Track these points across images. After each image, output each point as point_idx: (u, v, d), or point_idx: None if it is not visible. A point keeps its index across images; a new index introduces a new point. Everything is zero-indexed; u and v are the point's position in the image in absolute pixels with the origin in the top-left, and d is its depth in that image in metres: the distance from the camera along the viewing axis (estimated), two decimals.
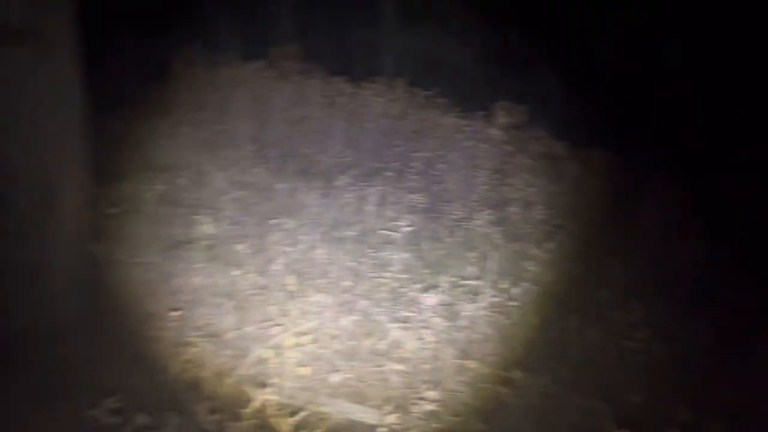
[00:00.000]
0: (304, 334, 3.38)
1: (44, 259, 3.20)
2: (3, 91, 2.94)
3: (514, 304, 3.91)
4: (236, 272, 4.03)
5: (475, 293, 3.93)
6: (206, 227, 4.42)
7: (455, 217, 5.28)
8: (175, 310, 3.49)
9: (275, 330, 3.41)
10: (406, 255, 4.38)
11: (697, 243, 4.72)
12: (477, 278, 4.08)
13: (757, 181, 5.11)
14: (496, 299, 3.88)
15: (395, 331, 3.54)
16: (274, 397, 2.79)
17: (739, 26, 6.12)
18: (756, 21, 5.88)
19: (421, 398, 3.09)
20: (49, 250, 3.21)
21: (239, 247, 4.39)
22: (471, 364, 3.40)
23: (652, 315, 3.86)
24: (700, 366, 3.51)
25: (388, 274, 4.18)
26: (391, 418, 2.98)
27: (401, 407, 3.06)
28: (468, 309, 3.75)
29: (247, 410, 2.69)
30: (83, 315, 3.41)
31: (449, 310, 3.78)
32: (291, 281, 3.83)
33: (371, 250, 4.49)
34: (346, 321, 3.64)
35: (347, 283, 3.99)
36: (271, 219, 4.91)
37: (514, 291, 4.00)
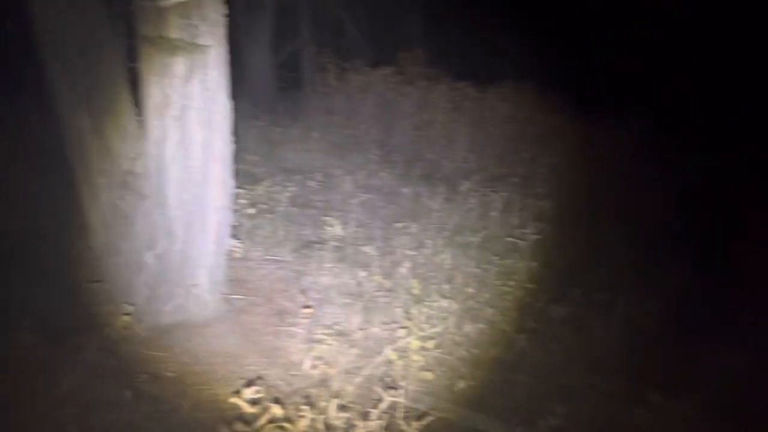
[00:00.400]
0: (429, 338, 3.39)
1: (190, 254, 3.45)
2: (162, 96, 3.20)
3: (651, 319, 3.68)
4: (363, 273, 4.12)
5: (607, 306, 3.74)
6: (335, 229, 4.56)
7: (586, 225, 5.07)
8: (306, 307, 3.63)
9: (400, 332, 3.44)
10: (533, 264, 4.27)
11: None
12: (610, 291, 3.88)
13: None
14: (632, 314, 3.67)
15: (522, 342, 3.45)
16: (401, 400, 2.81)
17: None
18: None
19: (549, 412, 2.98)
20: (195, 246, 3.45)
21: (366, 249, 4.48)
22: (602, 380, 3.24)
23: None
24: None
25: (513, 283, 4.09)
26: (519, 431, 2.91)
27: (528, 420, 2.97)
28: (600, 323, 3.58)
29: (375, 410, 2.74)
30: (224, 308, 3.64)
31: (580, 323, 3.63)
32: (415, 285, 3.86)
33: (496, 258, 4.42)
34: (471, 328, 3.60)
35: (471, 290, 3.95)
36: (396, 222, 4.97)
37: (651, 306, 3.77)
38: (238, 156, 5.05)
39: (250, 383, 2.73)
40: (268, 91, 8.63)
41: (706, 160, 6.01)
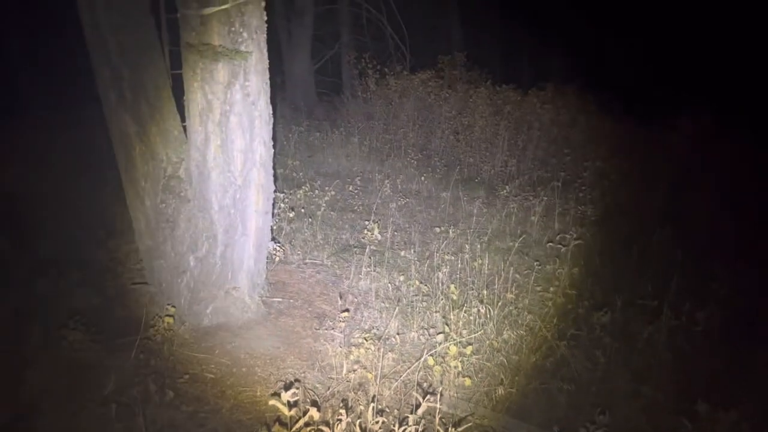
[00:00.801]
0: (468, 344, 3.35)
1: (231, 257, 3.50)
2: (205, 102, 3.27)
3: (698, 329, 3.57)
4: (401, 278, 4.11)
5: (652, 314, 3.64)
6: (374, 233, 4.57)
7: (630, 231, 4.95)
8: (345, 311, 3.64)
9: (438, 338, 3.41)
10: (574, 270, 4.19)
11: None
12: (654, 298, 3.78)
13: None
14: (677, 322, 3.56)
15: (562, 349, 3.39)
16: (438, 405, 2.79)
17: None
18: None
19: (590, 421, 2.91)
20: (237, 249, 3.51)
21: (404, 253, 4.48)
22: (646, 389, 3.15)
23: None
24: None
25: (553, 289, 4.02)
26: None
27: (568, 428, 2.91)
28: (645, 330, 3.48)
29: (413, 416, 2.72)
30: (264, 311, 3.69)
31: (623, 331, 3.54)
32: (454, 290, 3.83)
33: (537, 263, 4.35)
34: (510, 334, 3.55)
35: (511, 296, 3.90)
36: (435, 227, 4.96)
37: (699, 315, 3.65)
38: (279, 161, 5.14)
39: (288, 386, 2.75)
40: (308, 96, 8.73)
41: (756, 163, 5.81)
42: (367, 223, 4.81)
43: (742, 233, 5.03)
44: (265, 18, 3.34)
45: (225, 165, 3.36)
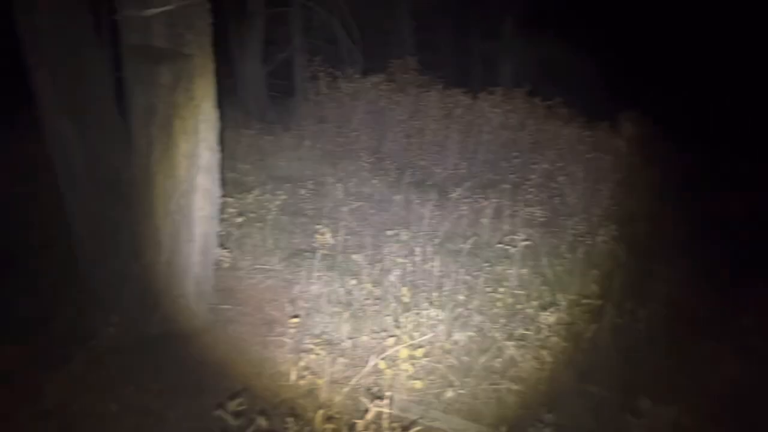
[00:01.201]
0: (418, 347, 3.36)
1: (177, 265, 3.43)
2: (148, 106, 3.19)
3: (641, 326, 3.67)
4: (353, 282, 4.10)
5: (597, 313, 3.73)
6: (325, 237, 4.54)
7: (576, 232, 5.06)
8: (295, 316, 3.61)
9: (390, 341, 3.41)
10: (523, 270, 4.25)
11: None
12: (599, 297, 3.87)
13: None
14: (621, 320, 3.66)
15: (511, 349, 3.44)
16: (388, 410, 2.79)
17: None
18: None
19: (539, 420, 2.96)
20: (182, 256, 3.43)
21: (356, 257, 4.46)
22: (592, 387, 3.23)
23: None
24: None
25: (503, 290, 4.07)
26: None
27: (517, 428, 2.95)
28: (589, 329, 3.56)
29: (362, 421, 2.71)
30: (212, 319, 3.62)
31: (569, 330, 3.61)
32: (405, 293, 3.84)
33: (487, 264, 4.40)
34: (461, 336, 3.58)
35: (462, 297, 3.94)
36: (387, 230, 4.95)
37: (641, 312, 3.75)
38: (229, 165, 5.05)
39: (234, 395, 2.70)
40: (259, 99, 8.62)
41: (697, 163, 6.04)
42: (318, 227, 4.77)
43: (683, 232, 5.22)
44: (211, 20, 3.29)
45: (169, 170, 3.29)
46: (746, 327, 3.75)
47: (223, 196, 3.83)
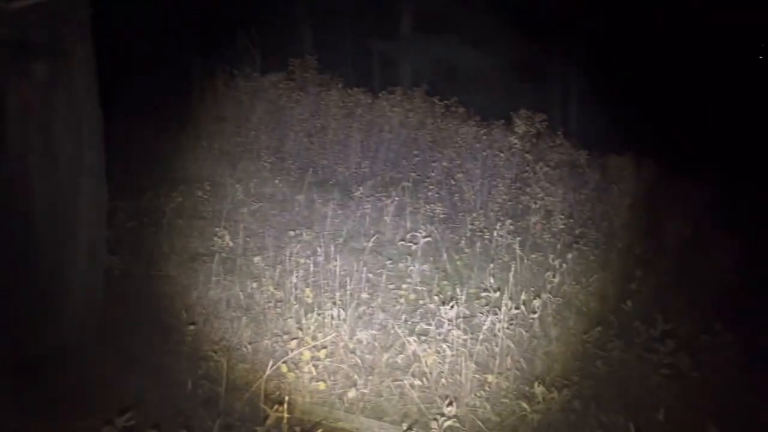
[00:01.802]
0: (321, 348, 3.34)
1: (61, 274, 3.21)
2: (22, 104, 2.96)
3: (535, 316, 3.83)
4: (253, 285, 4.01)
5: (494, 305, 3.86)
6: (224, 239, 4.42)
7: (474, 227, 5.22)
8: (192, 323, 3.48)
9: (292, 344, 3.37)
10: (424, 266, 4.33)
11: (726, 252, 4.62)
12: (497, 290, 4.01)
13: None
14: (517, 311, 3.80)
15: (413, 345, 3.48)
16: (290, 414, 2.75)
17: None
18: None
19: (440, 413, 3.02)
20: (67, 265, 3.22)
21: (257, 259, 4.37)
22: (491, 378, 3.33)
23: (677, 328, 3.74)
24: (727, 381, 3.40)
25: (406, 286, 4.13)
26: None
27: (419, 423, 3.00)
28: (487, 322, 3.67)
29: (262, 427, 2.66)
30: (101, 329, 3.42)
31: (468, 323, 3.72)
32: (308, 293, 3.80)
33: (389, 262, 4.45)
34: (364, 334, 3.59)
35: (365, 296, 3.95)
36: (289, 230, 4.89)
37: (535, 303, 3.92)
38: (120, 166, 4.79)
39: (124, 410, 2.56)
40: (151, 97, 8.25)
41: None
42: (217, 229, 4.64)
43: (573, 225, 5.51)
44: (91, 11, 3.10)
45: (49, 173, 3.07)
46: (628, 312, 4.00)
47: (113, 199, 3.63)
